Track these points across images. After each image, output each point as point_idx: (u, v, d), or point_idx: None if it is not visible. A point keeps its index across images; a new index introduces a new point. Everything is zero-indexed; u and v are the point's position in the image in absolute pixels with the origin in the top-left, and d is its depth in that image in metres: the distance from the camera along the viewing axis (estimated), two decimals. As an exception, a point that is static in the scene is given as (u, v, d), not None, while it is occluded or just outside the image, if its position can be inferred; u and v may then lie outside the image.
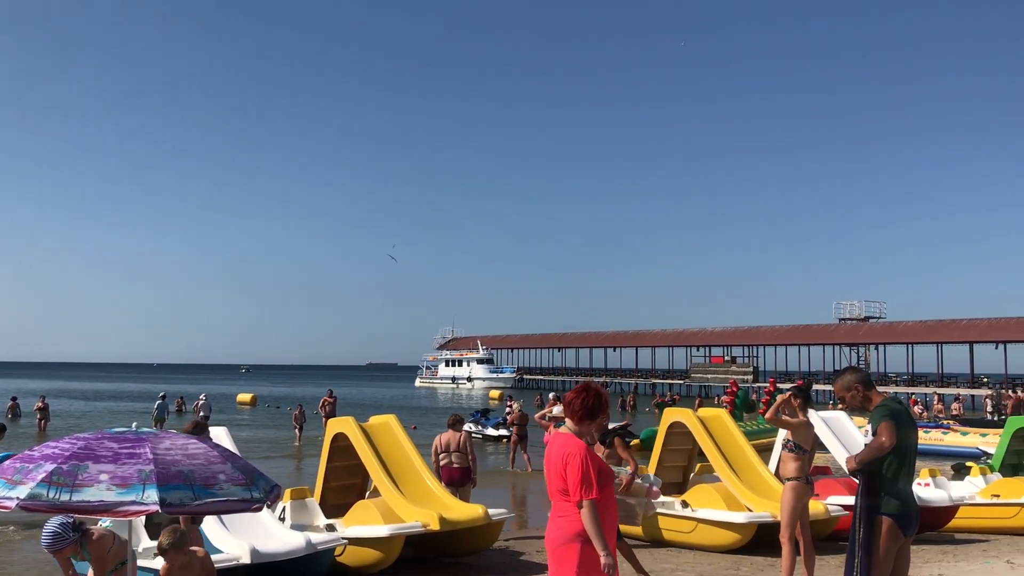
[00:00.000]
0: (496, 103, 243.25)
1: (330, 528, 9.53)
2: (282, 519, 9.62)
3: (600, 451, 8.09)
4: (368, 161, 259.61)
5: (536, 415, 10.38)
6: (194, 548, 5.91)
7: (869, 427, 5.21)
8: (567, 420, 4.59)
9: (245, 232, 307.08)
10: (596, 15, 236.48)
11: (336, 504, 10.52)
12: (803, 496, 7.61)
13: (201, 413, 33.94)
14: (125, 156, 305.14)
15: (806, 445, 7.76)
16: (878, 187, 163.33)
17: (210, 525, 8.27)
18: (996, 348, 57.13)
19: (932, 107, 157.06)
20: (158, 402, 33.07)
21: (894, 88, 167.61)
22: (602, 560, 4.24)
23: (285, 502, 9.91)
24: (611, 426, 27.81)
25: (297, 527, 9.36)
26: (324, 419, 23.09)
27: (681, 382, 72.11)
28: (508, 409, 29.37)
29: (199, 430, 7.98)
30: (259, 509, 4.94)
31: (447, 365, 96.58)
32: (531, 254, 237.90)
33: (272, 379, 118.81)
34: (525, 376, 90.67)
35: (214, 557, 8.01)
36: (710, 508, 10.60)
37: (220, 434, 9.60)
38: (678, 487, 12.06)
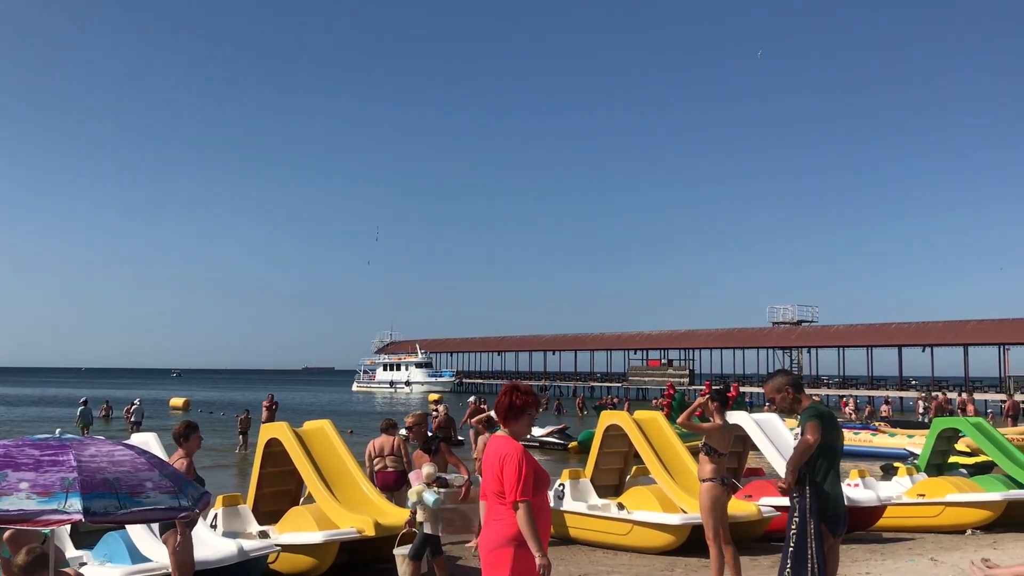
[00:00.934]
0: (436, 109, 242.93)
1: (263, 535, 9.36)
2: (214, 526, 9.44)
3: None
4: (303, 162, 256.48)
5: (473, 419, 10.37)
6: (64, 571, 5.43)
7: (798, 429, 5.31)
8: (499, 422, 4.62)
9: (175, 234, 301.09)
10: (534, 17, 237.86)
11: (270, 511, 10.35)
12: (719, 497, 7.66)
13: (132, 419, 33.13)
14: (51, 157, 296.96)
15: (722, 448, 7.82)
16: (811, 194, 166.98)
17: (138, 533, 8.09)
18: (923, 351, 58.78)
19: (861, 116, 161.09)
20: (80, 408, 32.13)
21: (823, 96, 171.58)
22: (537, 561, 4.24)
23: (217, 509, 9.73)
24: (548, 429, 28.05)
25: (229, 534, 9.18)
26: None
27: (619, 385, 72.71)
28: (433, 412, 29.25)
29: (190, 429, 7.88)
30: (188, 517, 4.85)
31: (385, 369, 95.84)
32: (470, 258, 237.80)
33: (205, 384, 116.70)
34: (464, 380, 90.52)
35: (142, 566, 7.85)
36: (645, 510, 10.69)
37: (149, 440, 9.41)
38: (614, 489, 12.15)
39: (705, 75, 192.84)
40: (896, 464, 14.89)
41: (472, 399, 25.89)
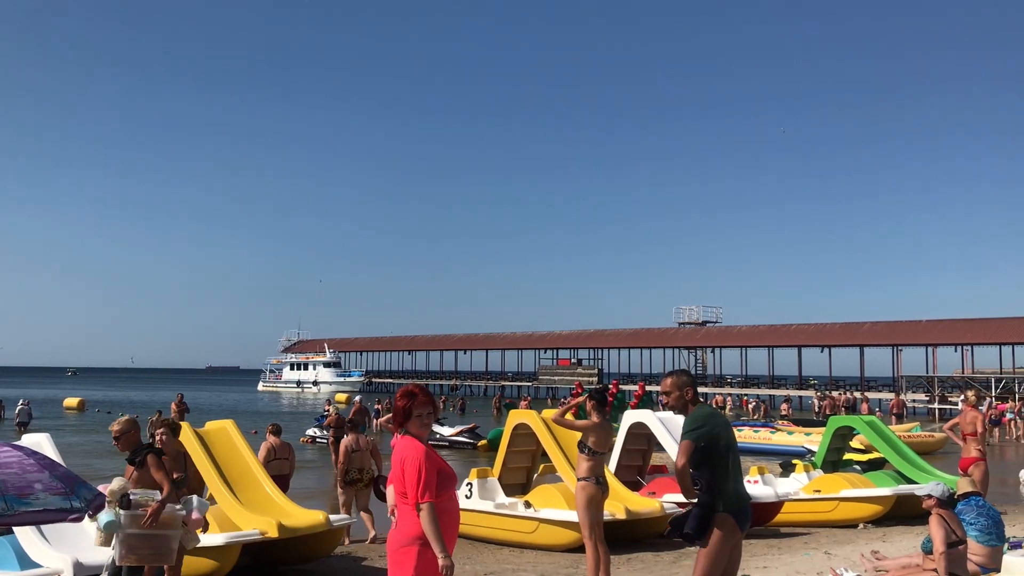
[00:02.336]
0: (346, 105, 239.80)
1: (162, 538, 9.10)
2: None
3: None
4: (209, 159, 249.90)
5: (381, 419, 10.32)
6: None
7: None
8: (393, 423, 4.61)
9: (71, 229, 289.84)
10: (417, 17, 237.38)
11: (169, 513, 10.07)
12: (593, 495, 7.76)
13: (18, 419, 31.78)
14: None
15: (599, 447, 7.89)
16: (717, 199, 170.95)
17: (29, 537, 7.78)
18: (822, 352, 60.80)
19: (766, 122, 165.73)
20: None
21: (730, 100, 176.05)
22: (440, 562, 4.25)
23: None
24: (457, 428, 27.97)
25: (127, 537, 8.90)
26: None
27: (529, 384, 73.15)
28: (325, 412, 28.91)
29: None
30: (79, 519, 4.71)
31: (292, 369, 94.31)
32: (380, 256, 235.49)
33: (102, 383, 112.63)
34: (374, 380, 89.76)
35: (33, 572, 7.55)
36: (552, 508, 10.78)
37: (41, 441, 9.03)
38: (522, 488, 12.22)
39: (618, 75, 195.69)
40: (794, 461, 15.36)
41: (357, 399, 25.57)
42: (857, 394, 48.64)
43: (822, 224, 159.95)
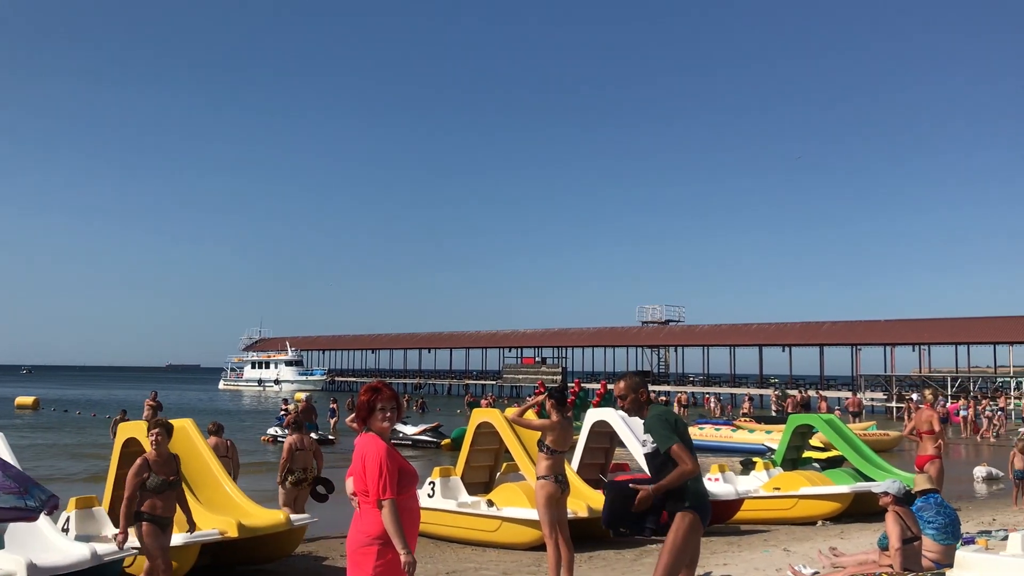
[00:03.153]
0: (303, 104, 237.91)
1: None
2: (66, 530, 9.00)
3: None
4: (168, 157, 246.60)
5: (347, 419, 10.25)
6: None
7: (648, 437, 5.35)
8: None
9: (28, 224, 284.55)
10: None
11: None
12: (552, 494, 7.77)
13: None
14: None
15: (558, 446, 7.89)
16: (680, 199, 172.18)
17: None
18: (783, 351, 61.50)
19: (726, 123, 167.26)
20: None
21: (691, 101, 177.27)
22: (402, 559, 4.23)
23: (70, 511, 9.28)
24: (421, 427, 27.86)
25: (83, 538, 8.77)
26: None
27: (494, 383, 73.15)
28: (284, 411, 28.66)
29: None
30: (34, 518, 4.65)
31: (253, 367, 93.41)
32: (343, 254, 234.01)
33: (58, 381, 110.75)
34: (336, 379, 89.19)
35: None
36: (514, 507, 10.78)
37: (-7, 441, 8.87)
38: (484, 487, 12.21)
39: (582, 73, 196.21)
40: (754, 459, 15.48)
41: (304, 397, 25.34)
42: (814, 392, 49.21)
43: (783, 225, 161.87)
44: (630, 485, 5.35)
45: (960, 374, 52.32)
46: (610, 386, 41.53)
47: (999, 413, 34.29)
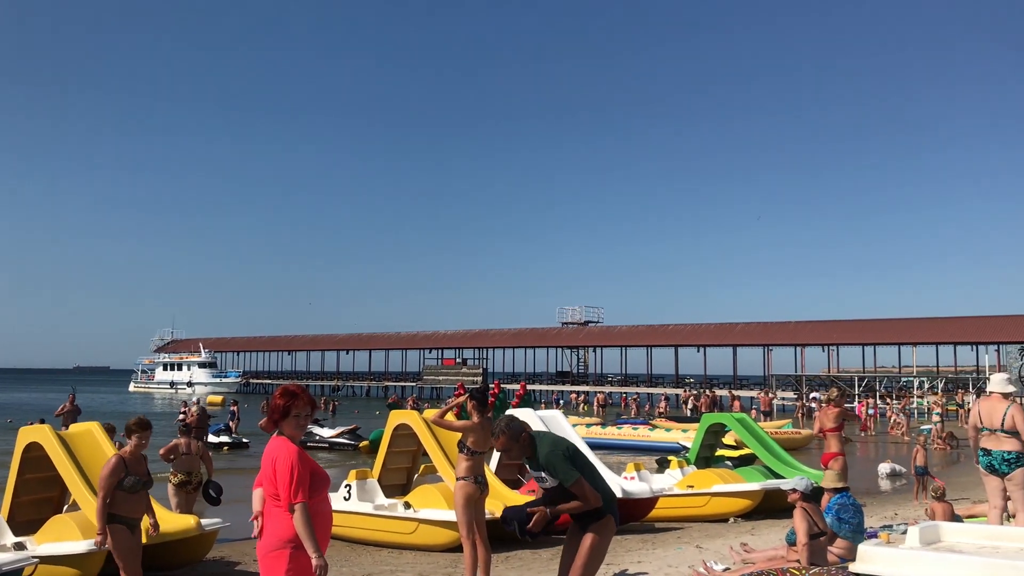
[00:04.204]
0: (217, 97, 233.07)
1: (19, 547, 8.65)
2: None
3: None
4: (74, 151, 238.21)
5: (260, 423, 10.10)
6: None
7: (545, 474, 5.39)
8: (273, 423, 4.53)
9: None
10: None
11: (29, 520, 9.60)
12: (472, 495, 7.79)
13: None
14: None
15: (478, 447, 7.91)
16: (598, 201, 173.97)
17: None
18: (698, 351, 62.73)
19: (646, 124, 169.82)
20: None
21: (614, 105, 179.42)
22: (314, 562, 4.22)
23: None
24: (338, 429, 27.56)
25: (-22, 548, 8.42)
26: (63, 427, 20.13)
27: (414, 384, 72.80)
28: (183, 413, 28.07)
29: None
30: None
31: (165, 369, 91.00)
32: (259, 253, 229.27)
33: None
34: (252, 381, 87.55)
35: None
36: (432, 508, 10.75)
37: None
38: (402, 489, 12.14)
39: (503, 73, 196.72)
40: (669, 457, 15.76)
41: (195, 403, 24.75)
42: (725, 392, 50.48)
43: (697, 228, 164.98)
44: (527, 510, 5.45)
45: (866, 374, 54.17)
46: (531, 387, 41.84)
47: (902, 412, 35.55)
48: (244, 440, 27.40)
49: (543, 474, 5.37)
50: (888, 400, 41.46)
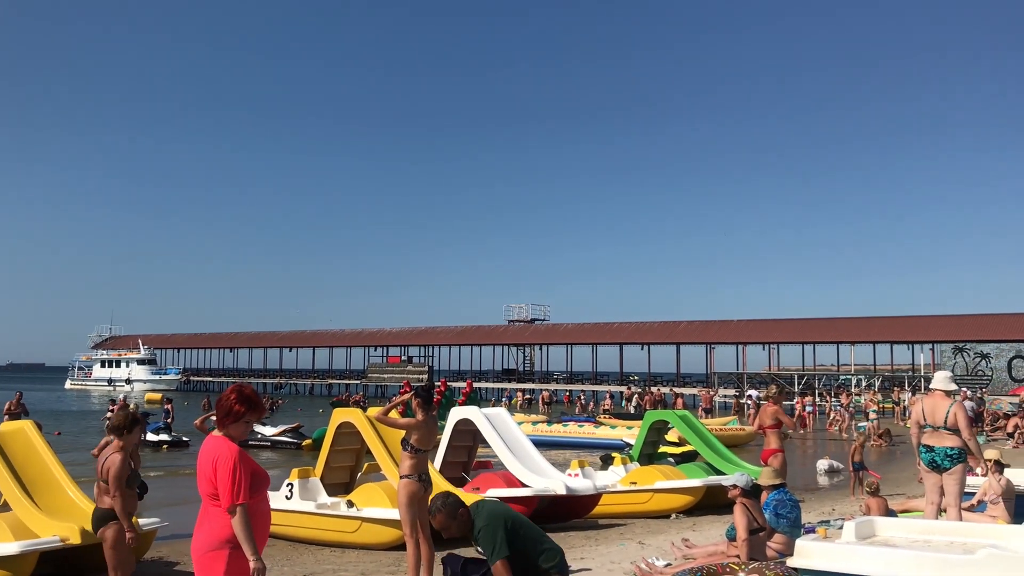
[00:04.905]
0: (154, 90, 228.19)
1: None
2: None
3: None
4: (9, 143, 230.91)
5: (195, 421, 9.96)
6: None
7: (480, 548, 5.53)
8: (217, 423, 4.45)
9: None
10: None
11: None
12: (415, 493, 7.78)
13: None
14: None
15: (422, 445, 7.90)
16: (544, 199, 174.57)
17: None
18: (642, 349, 63.32)
19: (585, 127, 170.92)
20: None
21: (554, 103, 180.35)
22: (251, 564, 4.15)
23: None
24: (280, 428, 27.21)
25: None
26: None
27: (358, 382, 72.30)
28: (110, 411, 27.59)
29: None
30: None
31: (103, 366, 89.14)
32: (201, 248, 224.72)
33: None
34: (192, 378, 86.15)
35: None
36: (374, 507, 10.69)
37: None
38: (345, 487, 12.04)
39: (446, 72, 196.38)
40: (613, 454, 15.87)
41: (121, 399, 24.23)
42: (666, 389, 51.11)
43: (642, 228, 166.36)
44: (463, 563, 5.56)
45: (806, 372, 55.21)
46: (477, 384, 42.03)
47: (840, 409, 36.26)
48: (184, 439, 26.98)
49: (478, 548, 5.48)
50: (827, 397, 42.30)
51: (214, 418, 4.46)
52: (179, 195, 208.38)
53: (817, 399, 42.70)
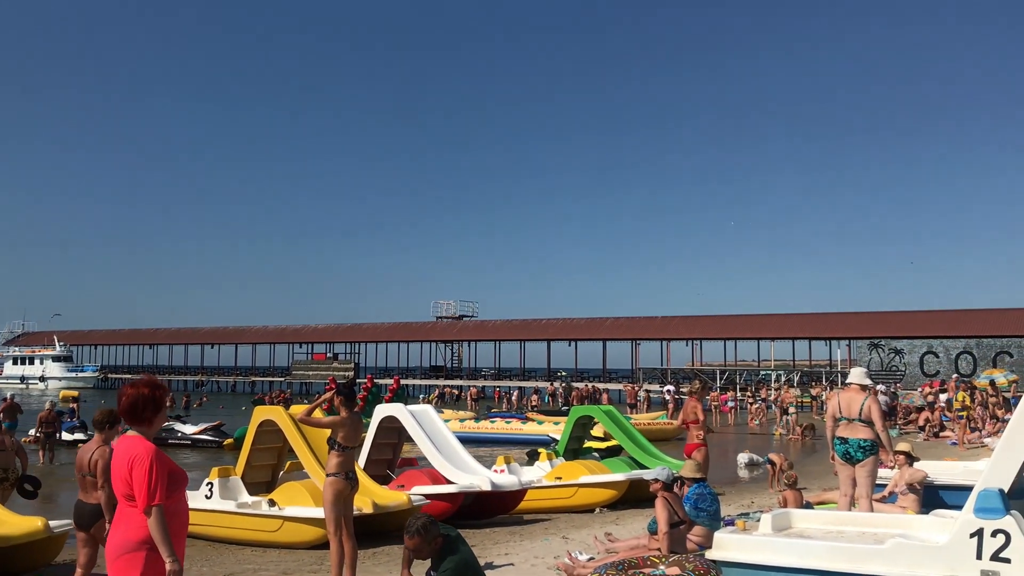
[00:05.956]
0: (52, 75, 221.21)
1: None
2: None
3: None
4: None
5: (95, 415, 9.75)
6: None
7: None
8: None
9: None
10: None
11: None
12: (341, 491, 7.73)
13: None
14: None
15: (348, 442, 7.84)
16: (467, 195, 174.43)
17: None
18: (569, 345, 63.93)
19: (509, 117, 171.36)
20: None
21: (488, 100, 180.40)
22: (168, 567, 4.06)
23: None
24: (201, 426, 26.74)
25: None
26: None
27: (283, 379, 71.32)
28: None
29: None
30: None
31: (16, 363, 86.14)
32: (119, 241, 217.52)
33: None
34: (110, 376, 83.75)
35: None
36: (297, 505, 10.57)
37: None
38: (267, 486, 11.87)
39: (372, 70, 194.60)
40: (539, 450, 15.98)
41: (8, 396, 23.45)
42: (581, 384, 51.81)
43: (569, 224, 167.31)
44: None
45: (728, 367, 56.42)
46: (404, 382, 41.78)
47: (761, 403, 37.14)
48: (82, 437, 26.27)
49: None
50: (749, 392, 43.26)
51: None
52: (95, 185, 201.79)
53: (739, 394, 43.60)
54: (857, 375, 9.13)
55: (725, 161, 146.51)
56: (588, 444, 17.74)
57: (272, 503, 10.79)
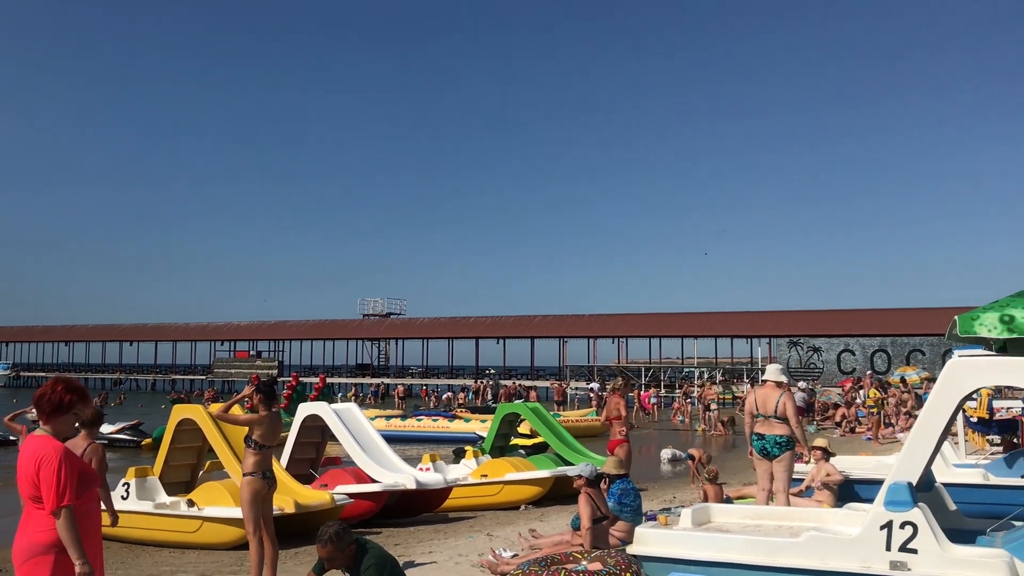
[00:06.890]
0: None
1: None
2: None
3: None
4: None
5: (5, 418, 9.47)
6: None
7: None
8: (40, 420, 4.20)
9: None
10: None
11: None
12: (259, 491, 7.63)
13: None
14: None
15: (266, 441, 7.73)
16: (398, 191, 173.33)
17: None
18: (497, 343, 64.01)
19: (443, 116, 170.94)
20: None
21: (407, 101, 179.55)
22: (78, 569, 3.97)
23: None
24: (119, 425, 25.98)
25: None
26: None
27: (204, 378, 69.87)
28: None
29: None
30: None
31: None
32: (34, 232, 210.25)
33: None
34: (23, 374, 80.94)
35: None
36: (217, 506, 10.37)
37: None
38: (187, 486, 11.62)
39: (310, 68, 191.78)
40: (465, 448, 15.99)
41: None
42: (505, 381, 52.05)
43: (496, 224, 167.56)
44: None
45: (652, 365, 57.22)
46: (329, 380, 41.31)
47: (685, 399, 37.71)
48: (12, 437, 25.38)
49: None
50: (684, 388, 43.93)
51: (30, 415, 4.22)
52: (11, 175, 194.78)
53: (662, 391, 44.24)
54: (772, 372, 9.30)
55: (657, 161, 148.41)
56: (515, 442, 17.81)
57: (191, 503, 10.58)
